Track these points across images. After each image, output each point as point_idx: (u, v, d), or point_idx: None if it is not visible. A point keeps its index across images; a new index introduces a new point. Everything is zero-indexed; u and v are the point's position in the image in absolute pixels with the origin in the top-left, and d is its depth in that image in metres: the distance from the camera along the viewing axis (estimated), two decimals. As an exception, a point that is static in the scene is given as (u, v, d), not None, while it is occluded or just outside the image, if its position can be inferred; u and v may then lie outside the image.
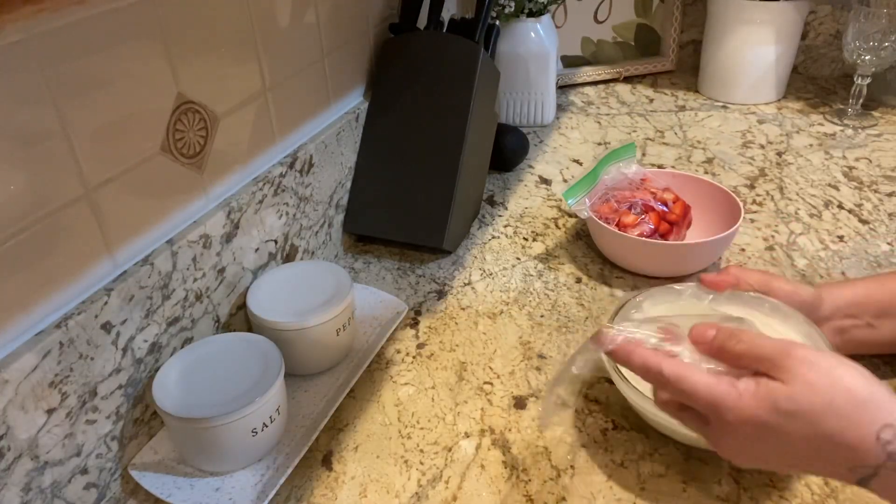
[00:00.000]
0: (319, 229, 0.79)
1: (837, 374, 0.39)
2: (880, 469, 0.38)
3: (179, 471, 0.54)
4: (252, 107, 0.67)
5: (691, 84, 1.30)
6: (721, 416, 0.41)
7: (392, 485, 0.55)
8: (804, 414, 0.39)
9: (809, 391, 0.39)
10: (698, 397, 0.42)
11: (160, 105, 0.56)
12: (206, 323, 0.62)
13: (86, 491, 0.51)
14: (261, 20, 0.66)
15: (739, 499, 0.52)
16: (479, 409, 0.62)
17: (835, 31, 1.25)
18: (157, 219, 0.57)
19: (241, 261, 0.66)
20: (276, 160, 0.72)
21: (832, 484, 0.52)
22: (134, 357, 0.54)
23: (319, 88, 0.78)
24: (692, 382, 0.42)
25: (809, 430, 0.39)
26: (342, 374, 0.64)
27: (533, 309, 0.74)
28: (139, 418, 0.56)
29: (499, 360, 0.67)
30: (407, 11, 0.87)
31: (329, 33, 0.78)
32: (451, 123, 0.80)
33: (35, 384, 0.46)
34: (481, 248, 0.85)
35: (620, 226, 0.77)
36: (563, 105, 1.25)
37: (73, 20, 0.46)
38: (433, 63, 0.83)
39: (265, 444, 0.55)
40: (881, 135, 1.08)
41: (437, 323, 0.73)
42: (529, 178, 1.01)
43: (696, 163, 1.03)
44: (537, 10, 1.09)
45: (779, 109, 1.19)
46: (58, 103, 0.46)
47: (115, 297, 0.51)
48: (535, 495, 0.53)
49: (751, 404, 0.40)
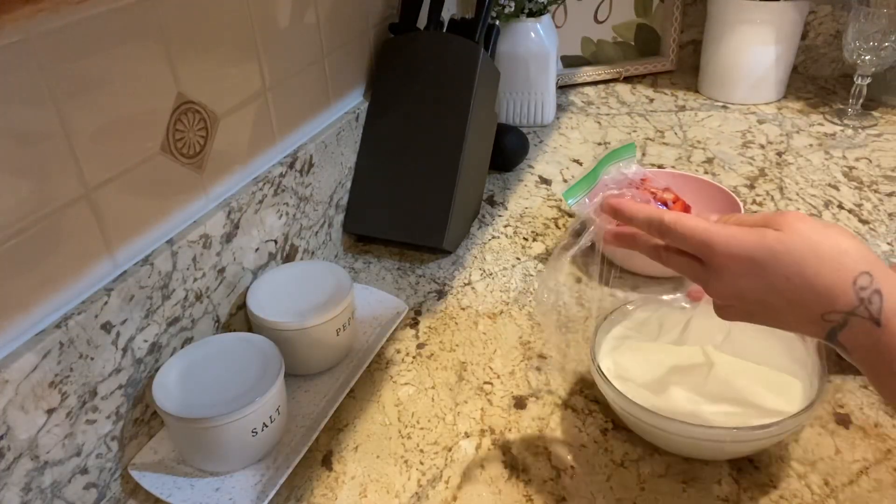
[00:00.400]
0: (319, 229, 0.79)
1: (829, 230, 0.41)
2: (850, 318, 0.39)
3: (179, 471, 0.54)
4: (252, 107, 0.67)
5: (691, 84, 1.30)
6: (714, 252, 0.43)
7: (392, 485, 0.55)
8: (790, 253, 0.40)
9: (798, 237, 0.41)
10: (695, 235, 0.44)
11: (160, 105, 0.56)
12: (206, 323, 0.62)
13: (86, 491, 0.51)
14: (261, 20, 0.66)
15: (739, 499, 0.52)
16: (479, 409, 0.62)
17: (835, 31, 1.25)
18: (157, 219, 0.57)
19: (241, 261, 0.66)
20: (276, 160, 0.72)
21: (832, 484, 0.53)
22: (134, 357, 0.54)
23: (319, 88, 0.78)
24: (691, 224, 0.44)
25: (793, 270, 0.40)
26: (342, 374, 0.64)
27: (533, 309, 0.74)
28: (139, 418, 0.56)
29: (499, 360, 0.67)
30: (407, 11, 0.87)
31: (329, 33, 0.78)
32: (451, 123, 0.80)
33: (35, 384, 0.46)
34: (481, 248, 0.85)
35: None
36: (563, 105, 1.25)
37: (73, 20, 0.46)
38: (433, 63, 0.83)
39: (265, 444, 0.55)
40: (881, 135, 1.08)
41: (437, 323, 0.73)
42: (529, 178, 1.01)
43: (696, 163, 1.03)
44: (537, 10, 1.08)
45: (779, 109, 1.19)
46: (58, 103, 0.46)
47: (115, 297, 0.51)
48: (535, 495, 0.53)
49: (743, 239, 0.42)
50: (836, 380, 0.62)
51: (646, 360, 0.60)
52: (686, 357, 0.60)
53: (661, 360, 0.60)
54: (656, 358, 0.60)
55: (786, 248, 0.40)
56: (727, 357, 0.59)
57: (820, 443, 0.56)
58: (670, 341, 0.60)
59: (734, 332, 0.57)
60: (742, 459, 0.55)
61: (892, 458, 0.54)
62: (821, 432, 0.57)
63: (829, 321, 0.40)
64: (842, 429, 0.57)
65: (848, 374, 0.62)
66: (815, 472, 0.54)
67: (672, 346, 0.60)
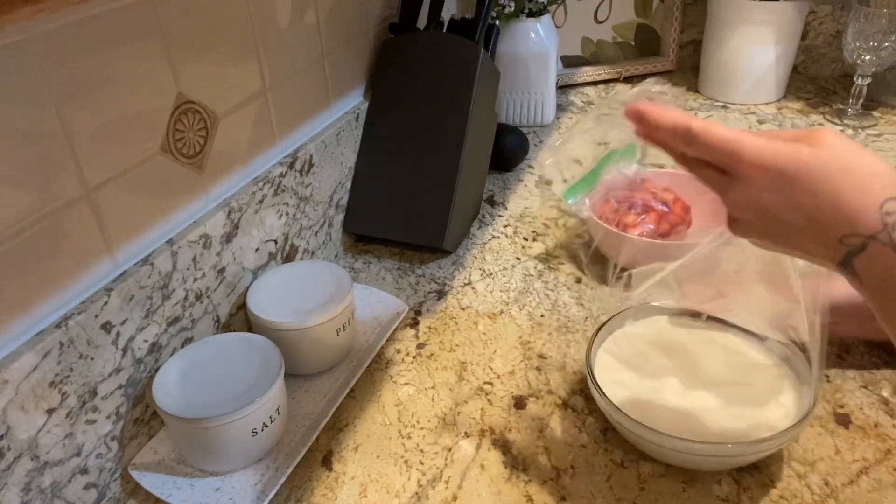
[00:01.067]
0: (319, 229, 0.79)
1: (863, 151, 0.39)
2: (870, 242, 0.38)
3: (179, 471, 0.54)
4: (252, 107, 0.67)
5: (691, 84, 1.30)
6: (741, 161, 0.41)
7: (392, 485, 0.55)
8: (821, 169, 0.39)
9: (832, 153, 0.39)
10: (724, 144, 0.42)
11: (160, 105, 0.56)
12: (206, 323, 0.62)
13: (86, 491, 0.51)
14: (261, 20, 0.66)
15: (739, 499, 0.52)
16: (479, 409, 0.62)
17: (835, 31, 1.25)
18: (157, 219, 0.57)
19: (241, 261, 0.66)
20: (276, 160, 0.72)
21: (832, 484, 0.53)
22: (134, 357, 0.54)
23: (319, 88, 0.78)
24: (719, 133, 0.42)
25: (820, 187, 0.39)
26: (342, 374, 0.64)
27: (533, 309, 0.74)
28: (139, 418, 0.56)
29: (499, 360, 0.67)
30: (407, 11, 0.87)
31: (329, 33, 0.78)
32: (451, 123, 0.80)
33: (35, 384, 0.46)
34: (481, 248, 0.85)
35: (620, 226, 0.77)
36: (563, 105, 1.25)
37: (73, 20, 0.46)
38: (433, 63, 0.83)
39: (265, 444, 0.55)
40: (881, 135, 1.08)
41: (437, 323, 0.73)
42: (529, 178, 1.01)
43: (696, 163, 1.02)
44: (537, 10, 1.08)
45: (779, 109, 1.19)
46: (58, 103, 0.46)
47: (115, 297, 0.51)
48: (535, 495, 0.53)
49: (777, 151, 0.40)
50: (836, 380, 0.62)
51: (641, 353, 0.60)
52: (681, 347, 0.61)
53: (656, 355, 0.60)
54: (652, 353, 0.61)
55: (818, 162, 0.38)
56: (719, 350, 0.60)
57: (820, 443, 0.56)
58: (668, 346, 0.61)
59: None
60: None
61: (892, 458, 0.54)
62: (821, 432, 0.57)
63: (847, 244, 0.38)
64: (842, 429, 0.57)
65: (848, 375, 0.62)
66: (815, 472, 0.54)
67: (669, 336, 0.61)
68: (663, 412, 0.55)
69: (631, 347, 0.62)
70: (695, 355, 0.60)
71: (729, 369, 0.59)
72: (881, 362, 0.63)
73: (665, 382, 0.58)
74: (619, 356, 0.61)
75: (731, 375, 0.58)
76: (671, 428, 0.51)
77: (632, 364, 0.60)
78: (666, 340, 0.62)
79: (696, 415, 0.55)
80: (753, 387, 0.57)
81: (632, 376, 0.59)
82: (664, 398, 0.57)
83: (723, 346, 0.61)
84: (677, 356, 0.60)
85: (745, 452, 0.51)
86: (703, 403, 0.56)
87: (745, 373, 0.58)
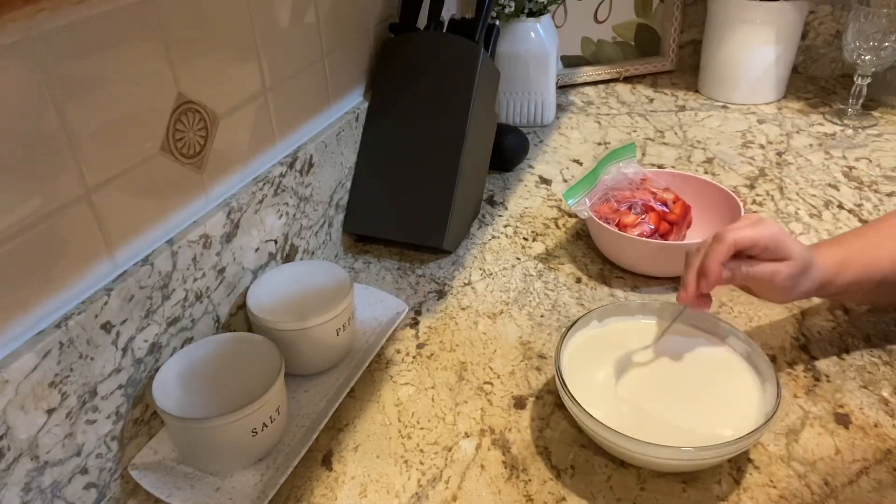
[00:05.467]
0: (319, 229, 0.79)
1: None
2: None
3: (179, 471, 0.54)
4: (252, 107, 0.67)
5: (691, 84, 1.30)
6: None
7: (392, 485, 0.55)
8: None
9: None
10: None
11: (160, 105, 0.56)
12: (206, 323, 0.62)
13: (86, 491, 0.51)
14: (261, 20, 0.66)
15: (739, 499, 0.52)
16: (479, 409, 0.62)
17: (835, 31, 1.25)
18: (157, 219, 0.57)
19: (241, 261, 0.66)
20: (276, 160, 0.71)
21: (832, 484, 0.53)
22: (134, 357, 0.54)
23: (319, 88, 0.78)
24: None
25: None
26: (342, 374, 0.64)
27: (533, 309, 0.74)
28: (139, 418, 0.56)
29: (499, 360, 0.67)
30: (407, 11, 0.87)
31: (329, 33, 0.78)
32: (451, 123, 0.80)
33: (35, 384, 0.46)
34: (481, 248, 0.85)
35: (620, 226, 0.77)
36: (563, 105, 1.25)
37: (73, 20, 0.46)
38: (433, 63, 0.83)
39: (265, 444, 0.55)
40: (881, 135, 1.08)
41: (437, 323, 0.73)
42: (529, 178, 1.01)
43: (696, 163, 1.03)
44: (537, 10, 1.09)
45: (779, 109, 1.19)
46: (58, 103, 0.46)
47: (115, 297, 0.51)
48: (535, 495, 0.53)
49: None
50: (836, 380, 0.62)
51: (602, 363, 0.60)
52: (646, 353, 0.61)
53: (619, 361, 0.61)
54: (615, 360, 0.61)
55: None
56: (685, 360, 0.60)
57: (820, 443, 0.56)
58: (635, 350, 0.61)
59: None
60: (742, 459, 0.55)
61: (892, 458, 0.54)
62: (821, 432, 0.57)
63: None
64: (842, 429, 0.57)
65: (848, 375, 0.62)
66: (815, 472, 0.54)
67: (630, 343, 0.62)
68: (626, 414, 0.55)
69: (595, 349, 0.61)
70: (658, 356, 0.60)
71: (691, 368, 0.59)
72: (881, 362, 0.63)
73: (625, 383, 0.58)
74: (581, 359, 0.60)
75: (694, 374, 0.58)
76: (632, 430, 0.51)
77: (593, 365, 0.60)
78: (628, 341, 0.62)
79: (656, 415, 0.55)
80: (717, 386, 0.57)
81: (593, 377, 0.59)
82: (625, 399, 0.57)
83: (686, 346, 0.61)
84: (641, 357, 0.60)
85: (703, 457, 0.51)
86: (665, 404, 0.56)
87: (708, 371, 0.58)
